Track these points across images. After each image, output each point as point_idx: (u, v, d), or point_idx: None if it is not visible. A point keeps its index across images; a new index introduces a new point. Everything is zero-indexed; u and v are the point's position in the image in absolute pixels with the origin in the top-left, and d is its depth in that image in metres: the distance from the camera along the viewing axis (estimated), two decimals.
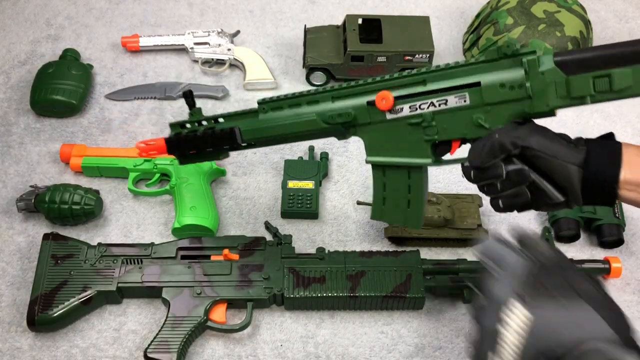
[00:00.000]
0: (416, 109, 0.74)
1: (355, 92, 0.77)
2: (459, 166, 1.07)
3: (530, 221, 1.00)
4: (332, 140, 1.08)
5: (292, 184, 1.00)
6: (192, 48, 1.19)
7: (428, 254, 0.95)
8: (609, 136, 0.69)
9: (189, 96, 0.85)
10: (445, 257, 0.95)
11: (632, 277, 0.94)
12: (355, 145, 1.08)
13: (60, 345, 0.85)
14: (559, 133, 0.68)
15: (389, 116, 0.76)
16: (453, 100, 0.72)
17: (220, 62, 1.20)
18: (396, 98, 0.75)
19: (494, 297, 0.55)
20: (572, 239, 0.97)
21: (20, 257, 0.93)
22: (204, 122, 0.86)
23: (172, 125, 0.88)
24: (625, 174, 0.62)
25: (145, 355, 0.81)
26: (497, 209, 0.70)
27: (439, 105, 0.73)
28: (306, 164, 1.03)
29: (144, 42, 1.19)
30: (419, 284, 0.86)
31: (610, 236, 0.95)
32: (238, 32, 1.23)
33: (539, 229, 0.99)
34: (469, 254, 0.95)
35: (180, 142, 0.86)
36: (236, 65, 1.20)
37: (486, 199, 1.00)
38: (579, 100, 0.66)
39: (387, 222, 0.91)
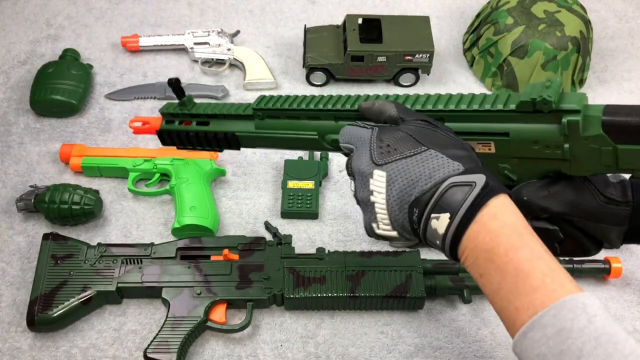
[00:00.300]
0: None
1: (359, 117, 0.66)
2: None
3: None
4: None
5: (292, 184, 1.00)
6: (192, 48, 1.19)
7: (428, 254, 0.95)
8: None
9: (175, 84, 0.75)
10: (445, 257, 0.95)
11: (632, 277, 0.94)
12: None
13: (60, 346, 0.85)
14: (598, 177, 0.60)
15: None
16: (475, 146, 0.61)
17: (220, 62, 1.19)
18: None
19: (361, 172, 0.58)
20: None
21: (20, 257, 0.93)
22: (193, 121, 0.78)
23: (163, 114, 0.80)
24: None
25: (145, 356, 0.81)
26: None
27: None
28: (306, 164, 1.03)
29: (144, 42, 1.19)
30: (419, 284, 0.86)
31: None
32: (238, 32, 1.23)
33: None
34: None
35: (173, 135, 0.80)
36: (236, 65, 1.20)
37: None
38: (629, 172, 0.55)
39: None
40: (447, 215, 0.51)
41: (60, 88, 1.07)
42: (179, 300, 0.85)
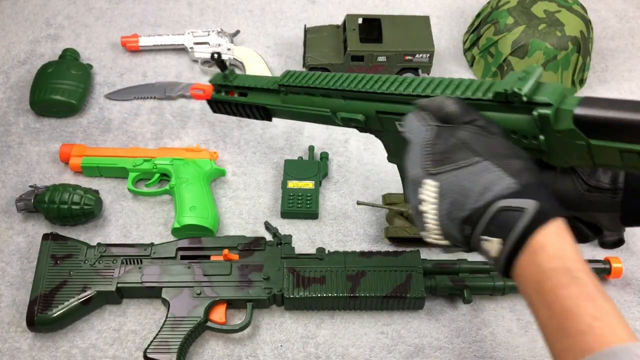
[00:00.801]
0: None
1: (364, 98, 0.72)
2: None
3: None
4: (332, 140, 1.09)
5: (292, 184, 1.00)
6: (191, 48, 1.18)
7: (428, 254, 0.95)
8: None
9: (218, 59, 0.89)
10: (445, 257, 0.95)
11: (633, 277, 0.94)
12: (355, 145, 1.08)
13: (60, 346, 0.85)
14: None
15: (400, 129, 0.70)
16: None
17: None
18: (404, 113, 0.66)
19: (412, 178, 0.56)
20: None
21: (20, 257, 0.93)
22: (236, 92, 0.92)
23: (214, 84, 0.95)
24: None
25: (145, 356, 0.81)
26: None
27: None
28: (306, 164, 1.03)
29: (144, 41, 1.19)
30: (419, 284, 0.86)
31: (611, 236, 0.95)
32: (238, 31, 1.23)
33: None
34: (469, 254, 0.95)
35: (219, 105, 0.96)
36: (236, 65, 1.19)
37: None
38: (606, 167, 0.53)
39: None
40: (498, 240, 0.50)
41: (60, 88, 1.07)
42: (179, 300, 0.85)
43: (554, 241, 0.49)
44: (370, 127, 0.74)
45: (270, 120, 0.92)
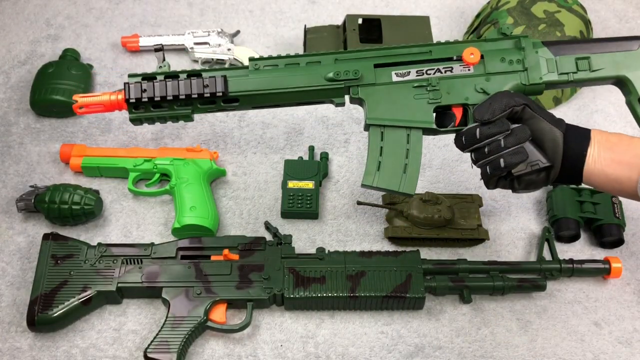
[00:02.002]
0: (423, 73, 0.81)
1: (362, 57, 0.82)
2: (460, 167, 1.08)
3: (530, 221, 1.00)
4: (332, 140, 1.09)
5: (292, 184, 1.00)
6: (192, 48, 1.19)
7: (428, 254, 0.95)
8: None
9: (160, 49, 0.83)
10: (445, 257, 0.95)
11: (632, 277, 0.94)
12: (355, 145, 1.08)
13: (60, 346, 0.85)
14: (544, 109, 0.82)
15: (395, 79, 0.81)
16: (458, 69, 0.82)
17: (220, 62, 1.19)
18: (403, 63, 0.81)
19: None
20: (572, 239, 0.97)
21: (20, 257, 0.93)
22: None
23: (132, 75, 0.83)
24: (592, 150, 0.76)
25: (145, 356, 0.81)
26: (496, 171, 0.77)
27: (445, 72, 0.82)
28: (306, 164, 1.03)
29: (144, 42, 1.19)
30: (419, 284, 0.86)
31: (611, 236, 0.95)
32: (238, 32, 1.23)
33: (539, 229, 0.99)
34: (469, 254, 0.95)
35: (150, 86, 0.80)
36: (236, 65, 1.20)
37: (486, 198, 1.00)
38: (565, 77, 0.81)
39: (379, 188, 0.84)
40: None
41: (60, 88, 1.07)
42: (179, 300, 0.85)
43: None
44: (361, 82, 0.81)
45: (223, 105, 0.83)
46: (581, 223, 0.97)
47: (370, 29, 1.15)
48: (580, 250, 0.97)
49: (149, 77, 0.83)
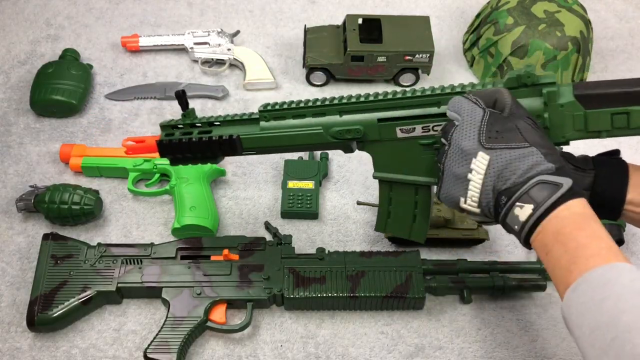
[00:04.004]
0: (429, 129, 0.73)
1: (366, 108, 0.75)
2: None
3: None
4: None
5: (292, 184, 1.00)
6: (192, 48, 1.19)
7: (428, 254, 0.95)
8: (615, 152, 0.72)
9: (181, 97, 0.80)
10: (445, 257, 0.95)
11: None
12: None
13: (60, 346, 0.85)
14: (566, 152, 0.71)
15: (400, 135, 0.74)
16: None
17: (220, 62, 1.19)
18: (408, 118, 0.74)
19: (463, 149, 0.63)
20: None
21: (20, 257, 0.93)
22: (198, 125, 0.82)
23: (163, 127, 0.83)
24: (631, 195, 0.67)
25: (145, 356, 0.81)
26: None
27: None
28: (306, 164, 1.03)
29: (144, 42, 1.19)
30: (419, 284, 0.86)
31: (611, 236, 0.95)
32: (238, 32, 1.23)
33: None
34: (469, 254, 0.95)
35: (174, 145, 0.82)
36: (236, 65, 1.20)
37: None
38: (596, 134, 0.67)
39: (391, 234, 0.91)
40: (531, 206, 0.59)
41: (60, 88, 1.07)
42: (179, 300, 0.85)
43: (578, 206, 0.59)
44: (366, 139, 0.76)
45: (239, 154, 0.81)
46: None
47: (370, 29, 1.15)
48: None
49: (175, 126, 0.83)
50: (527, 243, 0.61)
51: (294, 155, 1.06)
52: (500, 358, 0.86)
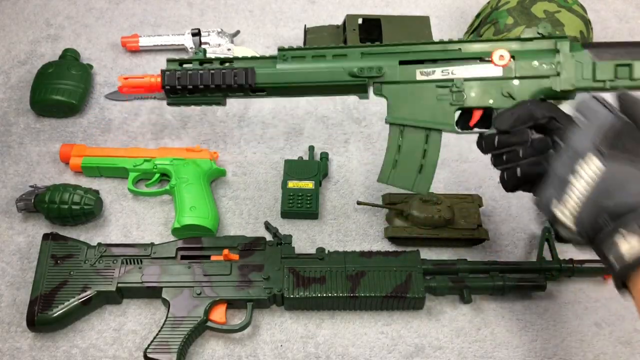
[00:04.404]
0: (448, 73, 0.78)
1: (388, 52, 0.80)
2: (460, 167, 1.08)
3: (530, 221, 1.00)
4: (332, 140, 1.09)
5: (292, 184, 1.00)
6: (192, 48, 1.19)
7: (428, 254, 0.95)
8: None
9: (197, 34, 0.86)
10: (445, 257, 0.95)
11: None
12: (355, 145, 1.08)
13: (60, 346, 0.85)
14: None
15: (419, 77, 0.78)
16: (486, 70, 0.78)
17: None
18: (429, 61, 0.79)
19: (573, 147, 0.57)
20: None
21: (20, 257, 0.93)
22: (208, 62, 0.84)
23: (170, 61, 0.85)
24: None
25: (145, 356, 0.81)
26: (512, 179, 0.72)
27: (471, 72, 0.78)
28: (306, 164, 1.03)
29: (144, 42, 1.19)
30: (419, 284, 0.86)
31: None
32: (238, 32, 1.23)
33: (539, 229, 0.99)
34: (469, 254, 0.95)
35: (184, 75, 0.82)
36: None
37: (486, 198, 1.00)
38: (601, 84, 0.74)
39: (394, 185, 0.86)
40: (638, 239, 0.50)
41: (60, 88, 1.07)
42: (179, 300, 0.85)
43: None
44: (384, 80, 0.80)
45: (251, 93, 0.83)
46: None
47: (370, 29, 1.15)
48: (580, 250, 0.97)
49: (185, 61, 0.85)
50: (622, 281, 0.53)
51: (294, 155, 1.06)
52: (500, 358, 0.86)
